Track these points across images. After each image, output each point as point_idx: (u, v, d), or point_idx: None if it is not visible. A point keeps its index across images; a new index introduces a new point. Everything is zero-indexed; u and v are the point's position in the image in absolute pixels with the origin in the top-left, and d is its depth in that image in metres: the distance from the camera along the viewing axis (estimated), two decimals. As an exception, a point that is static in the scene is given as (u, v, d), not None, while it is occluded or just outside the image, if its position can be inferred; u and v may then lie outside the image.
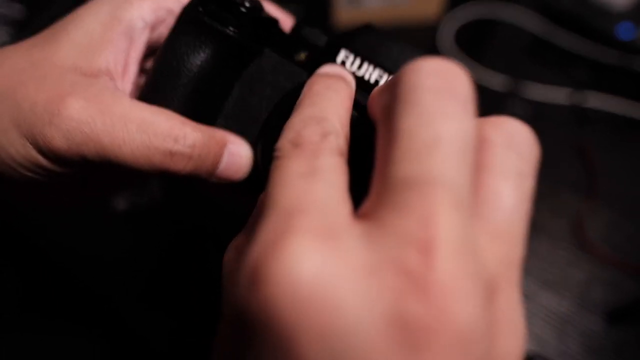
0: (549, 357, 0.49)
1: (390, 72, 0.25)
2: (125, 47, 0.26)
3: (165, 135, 0.23)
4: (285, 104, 0.26)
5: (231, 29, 0.26)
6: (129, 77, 0.26)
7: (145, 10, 0.26)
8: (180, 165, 0.24)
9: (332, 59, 0.26)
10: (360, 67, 0.25)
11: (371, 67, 0.25)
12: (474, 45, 0.76)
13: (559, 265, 0.54)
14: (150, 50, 0.28)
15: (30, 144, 0.23)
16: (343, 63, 0.26)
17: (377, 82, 0.25)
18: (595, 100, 0.67)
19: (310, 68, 0.26)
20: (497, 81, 0.69)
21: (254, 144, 0.27)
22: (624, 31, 0.72)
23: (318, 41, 0.27)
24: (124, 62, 0.26)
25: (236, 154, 0.26)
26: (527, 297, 0.52)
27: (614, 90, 0.68)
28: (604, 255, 0.55)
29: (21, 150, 0.23)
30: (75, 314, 0.61)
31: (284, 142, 0.19)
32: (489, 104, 0.66)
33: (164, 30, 0.27)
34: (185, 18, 0.26)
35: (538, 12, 0.78)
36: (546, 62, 0.73)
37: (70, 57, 0.24)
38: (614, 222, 0.58)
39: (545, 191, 0.60)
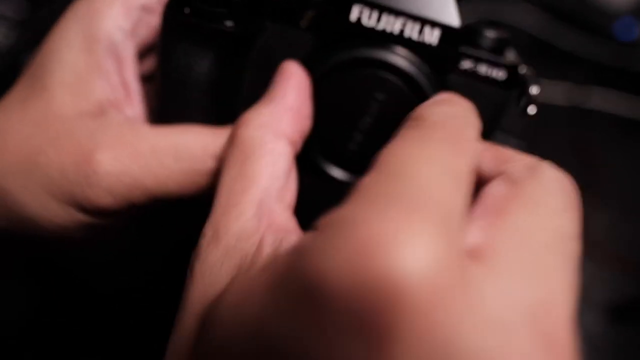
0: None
1: (414, 18, 0.22)
2: (114, 67, 0.24)
3: (201, 155, 0.22)
4: None
5: (226, 23, 0.23)
6: (134, 94, 0.25)
7: (117, 18, 0.24)
8: (211, 172, 0.23)
9: (344, 18, 0.22)
10: (379, 19, 0.22)
11: (392, 17, 0.22)
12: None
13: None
14: (140, 54, 0.26)
15: (72, 207, 0.22)
16: (358, 20, 0.22)
17: (401, 32, 0.22)
18: (596, 100, 0.67)
19: (318, 30, 0.23)
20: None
21: None
22: (625, 31, 0.72)
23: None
24: (120, 82, 0.24)
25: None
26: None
27: (615, 90, 0.69)
28: (605, 255, 0.55)
29: (63, 214, 0.22)
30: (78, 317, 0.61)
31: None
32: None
33: (144, 31, 0.25)
34: (173, 24, 0.23)
35: (538, 12, 0.78)
36: (546, 61, 0.73)
37: (67, 102, 0.23)
38: (614, 222, 0.58)
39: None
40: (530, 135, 0.63)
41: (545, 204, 0.16)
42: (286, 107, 0.21)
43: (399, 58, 0.23)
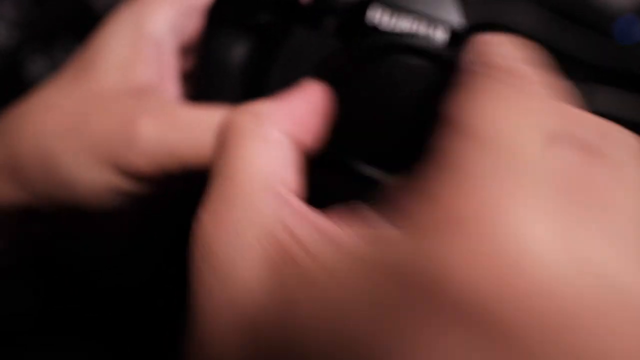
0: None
1: (431, 19, 0.23)
2: (156, 56, 0.26)
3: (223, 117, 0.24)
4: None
5: (260, 19, 0.26)
6: (171, 82, 0.27)
7: (166, 15, 0.26)
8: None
9: (362, 22, 0.23)
10: (390, 21, 0.23)
11: (411, 18, 0.23)
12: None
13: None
14: (184, 50, 0.28)
15: (111, 170, 0.23)
16: (372, 21, 0.23)
17: (412, 30, 0.23)
18: (598, 101, 0.67)
19: (341, 35, 0.25)
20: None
21: None
22: (626, 34, 0.72)
23: (344, 6, 0.25)
24: (159, 70, 0.27)
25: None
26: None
27: (618, 91, 0.68)
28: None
29: (101, 178, 0.23)
30: (79, 317, 0.61)
31: None
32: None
33: (188, 29, 0.28)
34: (213, 20, 0.27)
35: (539, 12, 0.78)
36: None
37: (113, 81, 0.25)
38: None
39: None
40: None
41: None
42: (290, 107, 0.20)
43: (423, 41, 0.23)
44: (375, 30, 0.23)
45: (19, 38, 0.52)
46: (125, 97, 0.25)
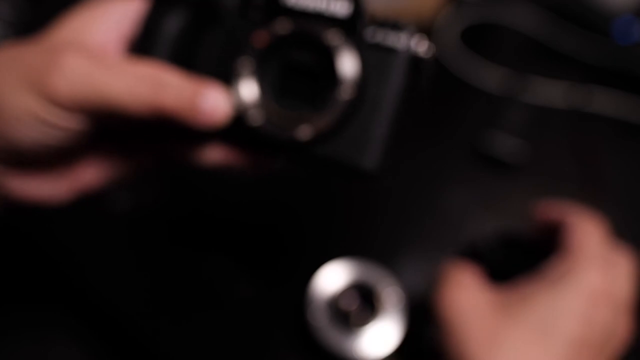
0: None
1: None
2: (113, 30, 0.29)
3: (151, 73, 0.26)
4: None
5: None
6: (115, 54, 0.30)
7: (116, 14, 0.30)
8: (167, 99, 0.26)
9: (276, 3, 0.29)
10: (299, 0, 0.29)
11: None
12: (474, 46, 0.76)
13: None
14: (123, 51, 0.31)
15: (34, 95, 0.25)
16: (285, 1, 0.29)
17: (318, 6, 0.28)
18: (597, 102, 0.67)
19: (265, 16, 0.30)
20: (497, 82, 0.69)
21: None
22: (624, 34, 0.72)
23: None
24: (111, 40, 0.29)
25: (215, 94, 0.27)
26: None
27: (616, 92, 0.68)
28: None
29: (24, 104, 0.25)
30: (73, 318, 0.60)
31: None
32: (489, 105, 0.66)
33: (133, 30, 0.31)
34: None
35: (537, 13, 0.78)
36: (545, 63, 0.73)
37: (65, 35, 0.28)
38: (615, 225, 0.57)
39: (543, 192, 0.60)
40: (531, 137, 0.63)
41: None
42: None
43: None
44: (289, 11, 0.28)
45: (15, 38, 0.52)
46: (67, 44, 0.27)
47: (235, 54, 0.30)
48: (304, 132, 0.28)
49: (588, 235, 0.31)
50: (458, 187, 0.60)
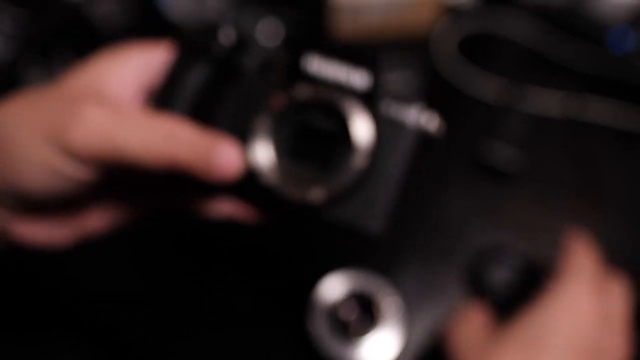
0: None
1: (348, 67, 0.30)
2: (130, 80, 0.29)
3: (168, 128, 0.26)
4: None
5: (222, 47, 0.31)
6: (132, 103, 0.30)
7: (148, 56, 0.30)
8: (182, 154, 0.26)
9: (299, 68, 0.30)
10: (321, 68, 0.30)
11: (330, 67, 0.30)
12: (472, 55, 0.76)
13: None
14: (143, 98, 0.32)
15: (51, 146, 0.25)
16: (307, 67, 0.30)
17: (338, 76, 0.30)
18: (593, 110, 0.68)
19: (283, 82, 0.31)
20: (495, 90, 0.70)
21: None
22: (622, 44, 0.72)
23: (284, 62, 0.32)
24: (126, 95, 0.30)
25: (229, 151, 0.28)
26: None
27: (612, 100, 0.69)
28: (605, 261, 0.54)
29: (40, 155, 0.25)
30: (68, 335, 0.60)
31: None
32: (487, 115, 0.66)
33: (154, 78, 0.31)
34: (185, 42, 0.31)
35: (536, 23, 0.79)
36: (542, 72, 0.73)
37: (83, 85, 0.28)
38: (614, 232, 0.58)
39: (542, 199, 0.60)
40: (529, 146, 0.63)
41: None
42: None
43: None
44: (310, 77, 0.30)
45: (17, 51, 0.52)
46: (84, 94, 0.27)
47: (252, 113, 0.31)
48: (316, 195, 0.29)
49: (581, 258, 0.33)
50: (457, 196, 0.60)
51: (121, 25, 0.76)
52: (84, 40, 0.59)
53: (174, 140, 0.26)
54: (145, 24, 0.79)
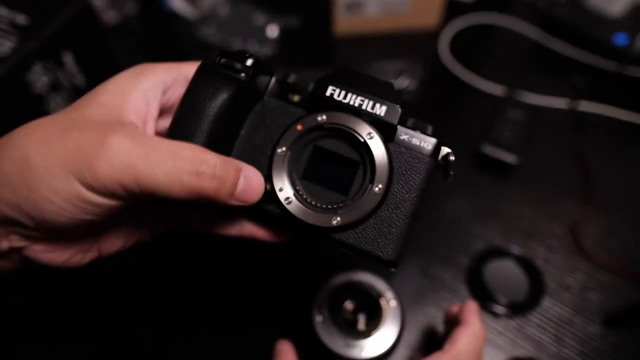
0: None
1: (370, 98, 0.32)
2: (143, 107, 0.30)
3: (191, 158, 0.27)
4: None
5: (241, 75, 0.31)
6: (149, 130, 0.31)
7: (156, 79, 0.31)
8: (206, 183, 0.27)
9: (322, 95, 0.32)
10: (345, 97, 0.32)
11: (354, 96, 0.32)
12: (473, 53, 0.77)
13: (555, 271, 0.55)
14: (162, 111, 0.33)
15: (77, 179, 0.25)
16: (331, 95, 0.32)
17: (360, 105, 0.31)
18: (591, 107, 0.69)
19: (306, 106, 0.33)
20: (494, 88, 0.71)
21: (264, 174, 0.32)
22: (619, 38, 0.73)
23: (304, 87, 0.33)
24: (143, 118, 0.31)
25: (251, 177, 0.29)
26: (526, 302, 0.53)
27: (610, 97, 0.70)
28: (601, 261, 0.55)
29: (67, 188, 0.25)
30: (72, 326, 0.61)
31: None
32: (487, 110, 0.67)
33: (171, 95, 0.33)
34: (203, 69, 0.31)
35: (535, 21, 0.79)
36: (543, 69, 0.74)
37: (102, 114, 0.29)
38: (610, 228, 0.59)
39: (542, 197, 0.61)
40: (532, 140, 0.64)
41: None
42: None
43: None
44: (331, 101, 0.32)
45: (26, 50, 0.52)
46: (106, 123, 0.28)
47: (273, 136, 0.33)
48: (335, 220, 0.31)
49: (465, 342, 0.39)
50: (457, 195, 0.61)
51: (121, 15, 0.76)
52: (92, 41, 0.59)
53: (197, 171, 0.27)
54: (144, 14, 0.79)
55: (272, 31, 0.75)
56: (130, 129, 0.27)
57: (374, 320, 0.44)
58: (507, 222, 0.59)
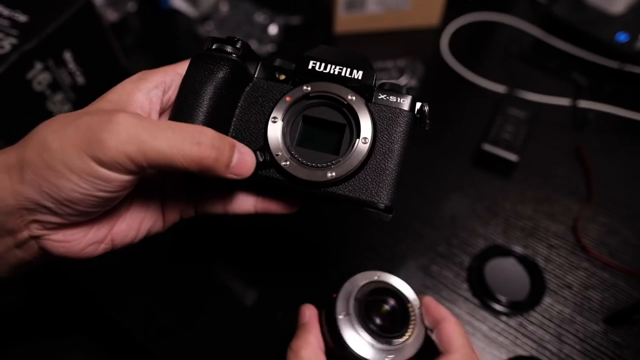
0: (548, 360, 0.49)
1: (347, 66, 0.36)
2: (146, 104, 0.34)
3: (191, 130, 0.30)
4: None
5: (233, 55, 0.35)
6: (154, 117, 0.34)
7: (157, 81, 0.35)
8: (205, 152, 0.30)
9: (305, 69, 0.36)
10: (325, 67, 0.36)
11: (332, 66, 0.36)
12: (474, 51, 0.77)
13: (556, 270, 0.55)
14: (163, 110, 0.36)
15: (88, 156, 0.28)
16: (313, 67, 0.36)
17: (339, 73, 0.36)
18: (592, 105, 0.69)
19: (291, 82, 0.37)
20: (495, 86, 0.70)
21: (259, 148, 0.35)
22: (620, 36, 0.73)
23: (289, 66, 0.37)
24: (147, 114, 0.34)
25: (244, 152, 0.33)
26: (527, 300, 0.53)
27: (611, 95, 0.70)
28: (602, 259, 0.55)
29: (79, 164, 0.28)
30: (73, 319, 0.61)
31: None
32: (488, 108, 0.67)
33: (171, 95, 0.36)
34: (198, 55, 0.35)
35: (536, 19, 0.79)
36: (544, 67, 0.74)
37: (110, 107, 0.32)
38: (611, 226, 0.59)
39: (543, 196, 0.61)
40: (533, 138, 0.64)
41: None
42: None
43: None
44: (313, 72, 0.36)
45: (26, 48, 0.52)
46: (116, 107, 0.32)
47: (266, 111, 0.36)
48: (330, 174, 0.34)
49: (458, 336, 0.40)
50: (457, 193, 0.61)
51: (121, 13, 0.76)
52: (93, 40, 0.59)
53: (199, 141, 0.30)
54: (145, 12, 0.79)
55: (273, 29, 0.75)
56: (135, 112, 0.31)
57: (404, 325, 0.41)
58: (508, 220, 0.59)
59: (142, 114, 0.33)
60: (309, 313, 0.42)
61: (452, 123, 0.68)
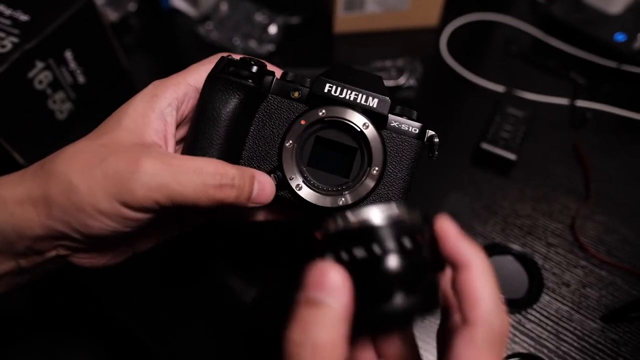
0: (545, 358, 0.49)
1: (362, 92, 0.36)
2: (162, 127, 0.35)
3: (214, 174, 0.32)
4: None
5: (249, 81, 0.35)
6: (170, 147, 0.36)
7: (169, 98, 0.35)
8: (227, 193, 0.32)
9: (321, 91, 0.36)
10: (341, 92, 0.36)
11: (348, 91, 0.36)
12: (473, 51, 0.77)
13: (554, 268, 0.55)
14: (179, 124, 0.37)
15: (117, 200, 0.30)
16: (329, 91, 0.36)
17: (355, 99, 0.36)
18: (590, 104, 0.69)
19: (304, 102, 0.37)
20: (494, 85, 0.71)
21: (273, 168, 0.37)
22: (618, 35, 0.73)
23: (303, 82, 0.38)
24: (163, 137, 0.35)
25: (263, 182, 0.35)
26: (525, 298, 0.53)
27: (609, 94, 0.70)
28: (600, 258, 0.56)
29: (109, 208, 0.30)
30: (78, 320, 0.61)
31: None
32: (487, 107, 0.67)
33: (185, 109, 0.37)
34: (212, 81, 0.35)
35: (535, 19, 0.79)
36: (543, 66, 0.74)
37: (128, 138, 0.33)
38: (609, 224, 0.59)
39: (541, 194, 0.61)
40: (532, 137, 0.65)
41: None
42: None
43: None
44: (329, 97, 0.36)
45: (27, 47, 0.53)
46: (134, 147, 0.32)
47: (280, 129, 0.37)
48: (341, 201, 0.36)
49: (484, 297, 0.28)
50: (456, 191, 0.61)
51: (122, 13, 0.76)
52: (95, 40, 0.60)
53: (221, 184, 0.32)
54: (145, 12, 0.79)
55: (272, 29, 0.75)
56: (157, 152, 0.32)
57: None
58: (507, 218, 0.59)
59: (159, 139, 0.34)
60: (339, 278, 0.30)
61: (451, 122, 0.69)
